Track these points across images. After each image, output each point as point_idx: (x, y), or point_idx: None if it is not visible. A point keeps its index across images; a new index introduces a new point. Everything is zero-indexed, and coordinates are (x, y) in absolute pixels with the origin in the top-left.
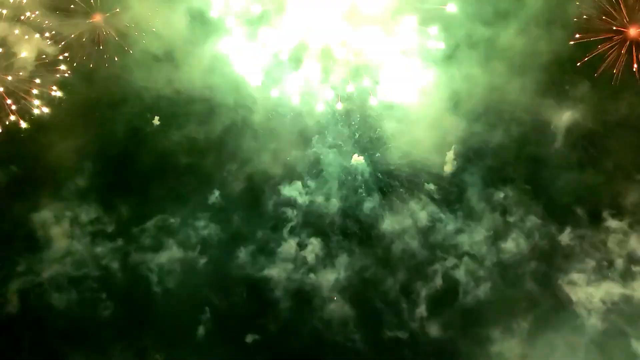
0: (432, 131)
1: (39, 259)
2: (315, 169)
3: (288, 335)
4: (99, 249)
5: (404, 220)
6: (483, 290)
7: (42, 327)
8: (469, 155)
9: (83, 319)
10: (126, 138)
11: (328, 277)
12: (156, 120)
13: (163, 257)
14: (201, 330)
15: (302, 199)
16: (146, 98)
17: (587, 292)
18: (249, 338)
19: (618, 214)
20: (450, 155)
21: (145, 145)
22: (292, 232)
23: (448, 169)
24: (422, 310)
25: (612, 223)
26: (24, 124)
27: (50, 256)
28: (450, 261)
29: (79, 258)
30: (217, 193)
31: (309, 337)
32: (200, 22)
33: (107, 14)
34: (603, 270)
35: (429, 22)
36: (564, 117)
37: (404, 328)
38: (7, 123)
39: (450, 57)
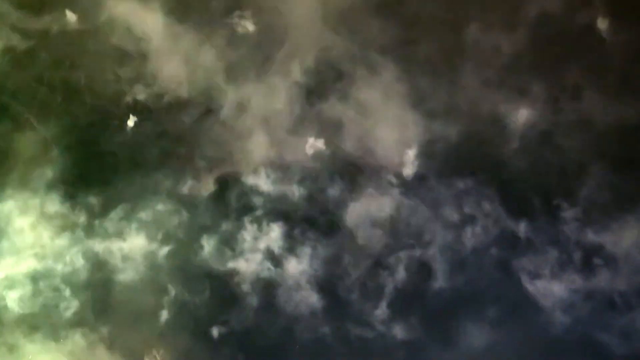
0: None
1: None
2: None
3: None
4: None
5: (364, 209)
6: (444, 281)
7: None
8: (430, 152)
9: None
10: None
11: (293, 267)
12: (131, 121)
13: (126, 247)
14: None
15: (266, 187)
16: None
17: (549, 286)
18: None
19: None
20: (410, 153)
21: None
22: (256, 220)
23: (409, 169)
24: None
25: (569, 213)
26: None
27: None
28: (412, 251)
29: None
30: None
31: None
32: (179, 20)
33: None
34: (563, 263)
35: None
36: (521, 114)
37: (369, 324)
38: None
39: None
